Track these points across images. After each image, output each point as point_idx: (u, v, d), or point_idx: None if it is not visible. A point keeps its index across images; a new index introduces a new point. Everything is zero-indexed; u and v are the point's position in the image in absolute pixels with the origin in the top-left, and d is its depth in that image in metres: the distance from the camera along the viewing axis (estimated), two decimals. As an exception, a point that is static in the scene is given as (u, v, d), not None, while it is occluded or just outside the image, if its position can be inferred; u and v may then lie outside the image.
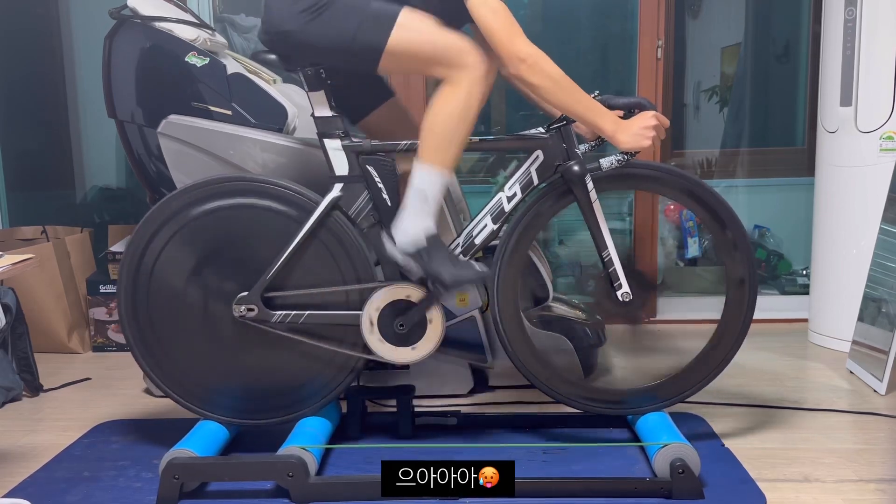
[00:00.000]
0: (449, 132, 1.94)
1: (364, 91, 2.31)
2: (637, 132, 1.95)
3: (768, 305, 3.53)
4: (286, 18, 1.94)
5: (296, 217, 2.08)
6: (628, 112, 2.05)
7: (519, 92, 2.26)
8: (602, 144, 2.12)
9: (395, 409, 2.35)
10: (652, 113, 1.98)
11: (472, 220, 2.14)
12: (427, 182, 1.97)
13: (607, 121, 1.95)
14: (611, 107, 2.01)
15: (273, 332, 2.10)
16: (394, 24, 1.91)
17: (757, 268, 2.16)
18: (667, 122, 2.00)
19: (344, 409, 2.36)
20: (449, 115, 1.93)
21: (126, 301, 2.13)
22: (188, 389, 2.16)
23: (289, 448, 2.01)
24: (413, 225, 1.99)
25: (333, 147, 2.08)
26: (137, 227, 2.10)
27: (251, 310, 2.08)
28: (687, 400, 2.23)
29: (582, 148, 2.09)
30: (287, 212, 2.09)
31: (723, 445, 2.21)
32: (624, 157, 2.05)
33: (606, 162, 2.08)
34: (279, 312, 2.08)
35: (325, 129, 2.07)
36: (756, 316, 2.17)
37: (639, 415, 2.20)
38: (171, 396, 2.18)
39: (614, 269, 2.11)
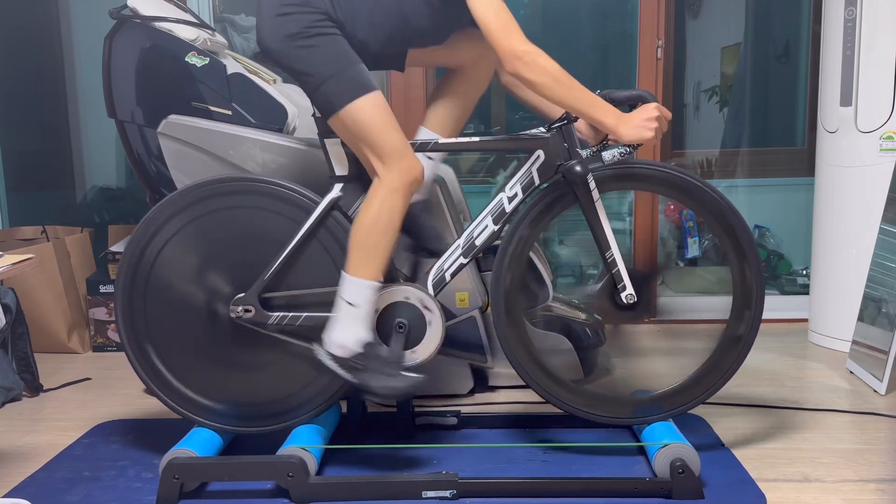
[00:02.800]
0: (373, 243, 1.96)
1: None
2: (639, 124, 1.93)
3: (768, 305, 3.51)
4: (272, 38, 1.96)
5: (295, 217, 2.07)
6: (630, 105, 2.04)
7: (517, 99, 2.26)
8: (606, 149, 2.10)
9: (395, 409, 2.35)
10: (654, 105, 1.96)
11: (473, 220, 2.13)
12: (355, 294, 1.98)
13: (608, 115, 1.94)
14: (612, 101, 2.00)
15: (270, 335, 2.08)
16: (358, 96, 1.93)
17: (761, 265, 2.14)
18: (669, 114, 1.98)
19: (344, 409, 2.36)
20: (371, 224, 1.95)
21: (123, 304, 2.10)
22: (182, 395, 2.13)
23: (289, 448, 2.01)
24: (345, 336, 1.99)
25: (334, 147, 2.08)
26: (137, 228, 2.09)
27: (248, 311, 2.06)
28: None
29: (584, 153, 2.08)
30: (286, 212, 2.08)
31: (723, 445, 2.22)
32: (627, 150, 2.04)
33: (609, 154, 2.06)
34: (276, 314, 2.06)
35: (325, 129, 2.07)
36: (761, 320, 2.15)
37: (643, 425, 2.18)
38: (166, 403, 2.14)
39: (618, 271, 2.09)
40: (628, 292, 2.09)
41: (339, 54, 1.94)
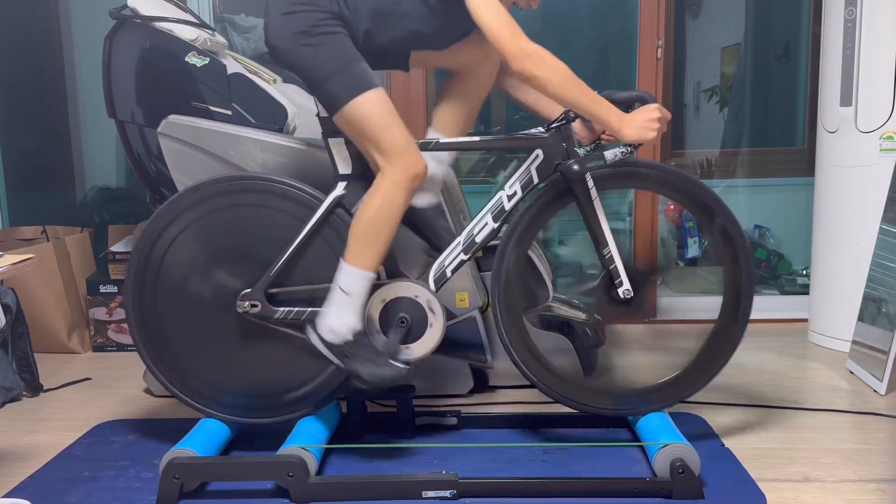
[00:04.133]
0: (371, 234, 2.00)
1: None
2: (641, 125, 1.97)
3: (768, 305, 3.54)
4: (280, 36, 1.98)
5: (300, 215, 2.10)
6: (629, 106, 2.06)
7: (514, 100, 2.27)
8: (598, 148, 2.13)
9: (395, 409, 2.35)
10: (655, 105, 2.00)
11: (473, 218, 2.15)
12: (350, 282, 2.02)
13: (612, 114, 1.97)
14: (613, 101, 2.02)
15: (276, 328, 2.12)
16: (361, 92, 1.95)
17: (753, 261, 2.17)
18: (669, 114, 2.02)
19: (344, 409, 2.37)
20: (372, 217, 1.99)
21: (133, 298, 2.15)
22: (191, 387, 2.18)
23: (289, 448, 2.01)
24: (338, 321, 2.03)
25: (337, 146, 2.10)
26: (146, 225, 2.13)
27: (255, 306, 2.09)
28: (687, 400, 2.23)
29: (580, 152, 2.10)
30: (292, 210, 2.11)
31: (723, 445, 2.21)
32: (628, 150, 2.07)
33: (610, 154, 2.10)
34: (282, 309, 2.10)
35: (329, 128, 2.08)
36: (756, 316, 2.17)
37: (639, 415, 2.20)
38: (174, 394, 2.19)
39: (615, 267, 2.12)
40: (625, 287, 2.12)
41: (342, 52, 1.97)
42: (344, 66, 1.96)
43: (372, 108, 1.96)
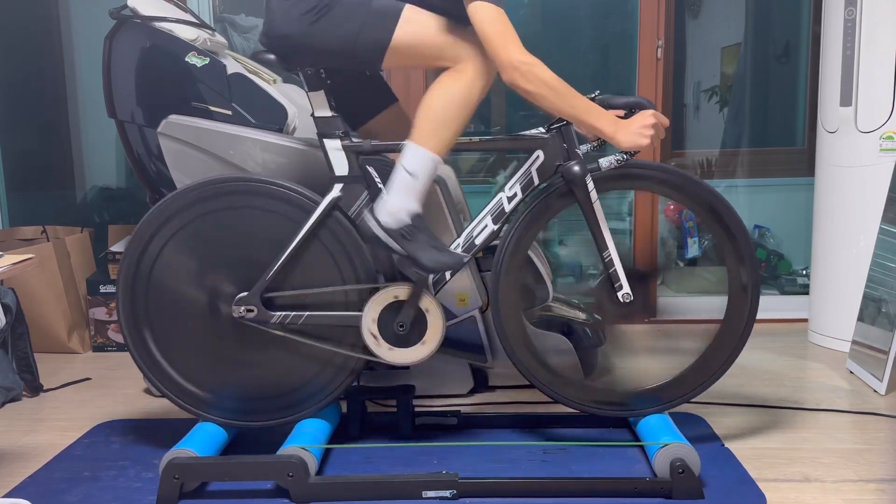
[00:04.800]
0: (447, 117, 1.93)
1: (367, 96, 2.31)
2: (636, 131, 1.95)
3: (768, 305, 3.53)
4: (288, 22, 1.95)
5: (295, 217, 2.08)
6: (628, 111, 2.05)
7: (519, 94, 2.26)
8: (603, 145, 2.12)
9: (395, 409, 2.35)
10: (651, 112, 1.98)
11: (473, 220, 2.14)
12: (417, 164, 1.96)
13: (606, 122, 1.95)
14: (610, 106, 2.01)
15: (272, 332, 2.10)
16: (398, 20, 1.92)
17: (758, 266, 2.16)
18: (666, 121, 2.01)
19: (344, 409, 2.37)
20: (449, 100, 1.93)
21: (125, 301, 2.12)
22: (186, 390, 2.16)
23: (289, 448, 2.01)
24: (398, 204, 1.98)
25: (333, 147, 2.08)
26: (137, 227, 2.10)
27: (250, 310, 2.08)
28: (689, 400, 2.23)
29: (583, 149, 2.09)
30: (287, 212, 2.09)
31: (723, 445, 2.21)
32: (624, 157, 2.06)
33: (605, 162, 2.08)
34: (278, 313, 2.08)
35: (324, 129, 2.07)
36: (756, 316, 2.17)
37: (640, 417, 2.20)
38: (168, 397, 2.18)
39: (615, 270, 2.11)
40: (625, 291, 2.11)
41: (355, 4, 1.93)
42: (364, 12, 1.91)
43: (417, 24, 1.92)
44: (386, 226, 1.99)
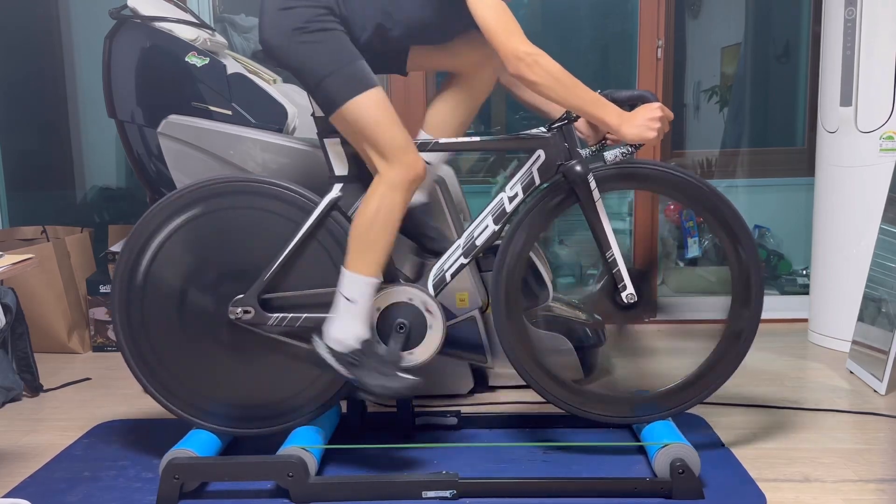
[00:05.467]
0: (372, 238, 1.95)
1: None
2: (642, 124, 1.93)
3: (768, 305, 3.51)
4: (275, 32, 1.94)
5: (294, 217, 2.07)
6: (631, 105, 2.04)
7: (517, 99, 2.25)
8: (604, 148, 2.10)
9: (395, 409, 2.35)
10: (657, 105, 1.96)
11: (474, 220, 2.13)
12: (354, 290, 1.97)
13: (611, 114, 1.93)
14: (614, 101, 1.99)
15: (269, 336, 2.08)
16: (360, 92, 1.92)
17: (762, 265, 2.14)
18: (671, 114, 1.98)
19: (344, 410, 2.36)
20: (369, 222, 1.94)
21: (120, 305, 2.09)
22: (181, 397, 2.12)
23: (289, 448, 2.01)
24: (344, 331, 1.99)
25: (333, 147, 2.08)
26: (134, 227, 2.08)
27: (247, 312, 2.05)
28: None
29: (584, 153, 2.08)
30: (285, 212, 2.07)
31: (723, 445, 2.22)
32: (629, 150, 2.04)
33: (611, 155, 2.07)
34: (276, 315, 2.05)
35: (324, 128, 2.07)
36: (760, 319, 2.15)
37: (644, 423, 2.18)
38: (163, 405, 2.13)
39: (618, 271, 2.09)
40: (629, 292, 2.10)
41: (341, 50, 1.93)
42: (342, 65, 1.92)
43: (370, 108, 1.93)
44: (335, 352, 1.99)
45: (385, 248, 1.98)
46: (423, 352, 2.10)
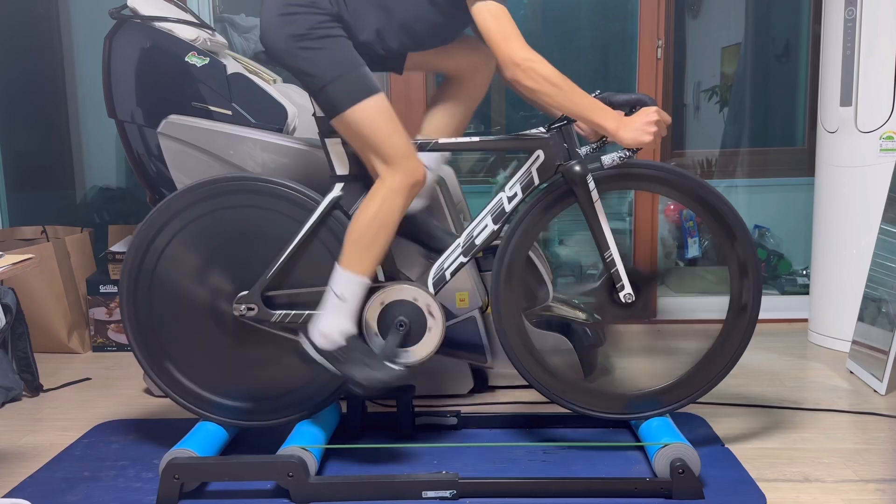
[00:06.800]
0: (368, 239, 1.98)
1: None
2: (639, 128, 1.94)
3: (768, 305, 3.52)
4: (276, 37, 1.95)
5: (297, 216, 2.08)
6: (630, 109, 2.04)
7: (520, 94, 2.25)
8: (604, 146, 2.11)
9: (395, 409, 2.35)
10: (654, 109, 1.96)
11: (473, 220, 2.13)
12: (345, 287, 2.00)
13: (608, 118, 1.94)
14: (612, 104, 2.00)
15: (273, 332, 2.10)
16: (363, 98, 1.93)
17: (758, 262, 2.14)
18: (668, 118, 1.99)
19: (344, 409, 2.37)
20: (367, 223, 1.97)
21: (128, 301, 2.13)
22: (187, 389, 2.16)
23: (289, 448, 2.01)
24: (331, 326, 2.01)
25: (334, 147, 2.08)
26: (139, 227, 2.10)
27: (251, 309, 2.08)
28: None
29: (584, 150, 2.09)
30: (288, 211, 2.09)
31: (723, 445, 2.21)
32: (626, 154, 2.05)
33: (608, 159, 2.07)
34: (279, 312, 2.08)
35: (326, 128, 2.07)
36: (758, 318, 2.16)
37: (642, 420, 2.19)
38: (170, 396, 2.18)
39: (616, 270, 2.10)
40: (626, 292, 2.10)
41: (344, 57, 1.94)
42: (345, 72, 1.93)
43: (373, 114, 1.94)
44: (320, 347, 2.02)
45: (381, 249, 2.00)
46: (418, 351, 2.11)
